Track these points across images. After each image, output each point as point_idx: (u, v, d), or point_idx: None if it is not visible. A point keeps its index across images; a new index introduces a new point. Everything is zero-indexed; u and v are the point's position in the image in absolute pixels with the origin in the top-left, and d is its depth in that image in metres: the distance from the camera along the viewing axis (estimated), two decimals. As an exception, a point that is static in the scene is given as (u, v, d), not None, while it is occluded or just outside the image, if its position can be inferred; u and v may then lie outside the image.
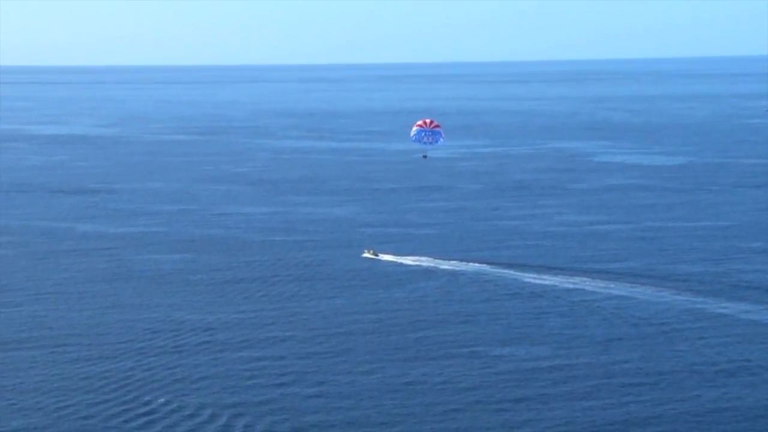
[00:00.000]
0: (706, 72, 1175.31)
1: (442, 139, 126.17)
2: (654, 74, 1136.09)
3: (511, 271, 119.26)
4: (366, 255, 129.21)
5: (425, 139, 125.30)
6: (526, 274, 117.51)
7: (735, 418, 71.95)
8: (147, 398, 76.52)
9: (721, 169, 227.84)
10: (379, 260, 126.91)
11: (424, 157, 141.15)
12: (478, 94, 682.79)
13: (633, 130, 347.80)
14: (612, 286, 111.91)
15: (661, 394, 76.79)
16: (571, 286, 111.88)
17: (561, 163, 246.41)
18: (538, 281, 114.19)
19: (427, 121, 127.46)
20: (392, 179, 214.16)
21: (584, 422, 71.46)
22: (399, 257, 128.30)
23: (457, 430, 70.32)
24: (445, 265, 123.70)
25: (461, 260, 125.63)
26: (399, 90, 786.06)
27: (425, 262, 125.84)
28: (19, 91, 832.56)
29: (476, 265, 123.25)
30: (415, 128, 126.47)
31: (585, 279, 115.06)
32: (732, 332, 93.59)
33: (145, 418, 72.62)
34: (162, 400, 76.00)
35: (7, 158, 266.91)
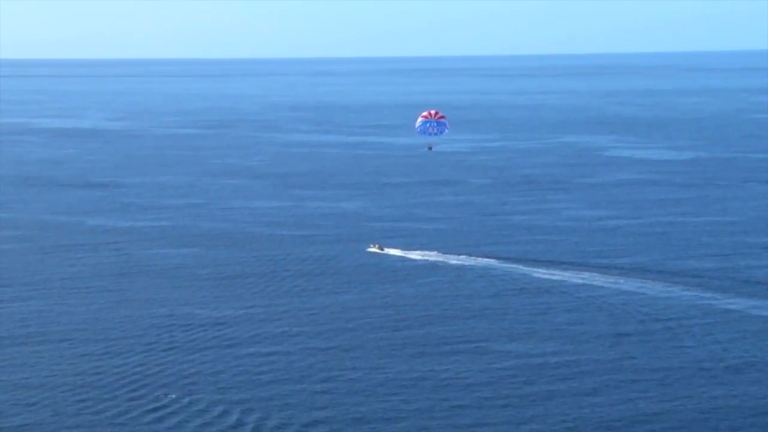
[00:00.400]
0: (714, 66, 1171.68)
1: (447, 130, 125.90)
2: (663, 68, 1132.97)
3: (520, 266, 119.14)
4: (371, 249, 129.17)
5: (430, 130, 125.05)
6: (535, 269, 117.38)
7: (742, 415, 71.79)
8: (156, 394, 76.60)
9: (730, 164, 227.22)
10: (385, 255, 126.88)
11: (430, 148, 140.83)
12: (488, 88, 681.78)
13: (642, 124, 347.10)
14: (620, 281, 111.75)
15: (668, 391, 76.66)
16: (579, 281, 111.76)
17: (570, 157, 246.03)
18: (546, 276, 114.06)
19: (432, 112, 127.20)
20: (401, 173, 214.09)
21: (591, 418, 71.38)
22: (405, 251, 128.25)
23: (465, 426, 70.31)
24: (453, 259, 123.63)
25: (469, 255, 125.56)
26: (408, 84, 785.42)
27: (432, 256, 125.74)
28: (28, 84, 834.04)
29: (484, 259, 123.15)
30: (420, 119, 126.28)
31: (593, 274, 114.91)
32: (740, 328, 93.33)
33: (156, 414, 72.68)
34: (172, 395, 76.05)
35: (16, 151, 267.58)
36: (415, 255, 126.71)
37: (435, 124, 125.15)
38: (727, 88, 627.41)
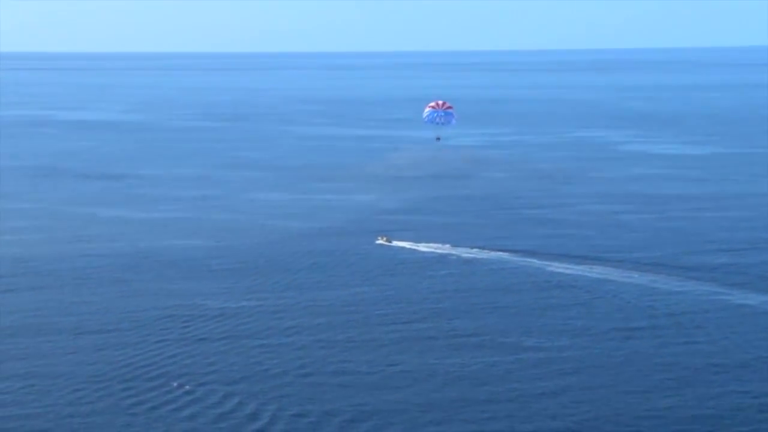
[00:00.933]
0: (729, 62, 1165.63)
1: (454, 121, 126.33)
2: (677, 63, 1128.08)
3: (533, 260, 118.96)
4: (379, 242, 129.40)
5: (438, 120, 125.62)
6: (547, 263, 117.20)
7: (755, 410, 71.59)
8: (173, 384, 76.78)
9: (746, 159, 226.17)
10: (394, 247, 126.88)
11: (438, 139, 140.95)
12: (502, 83, 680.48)
13: (657, 119, 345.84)
14: (634, 275, 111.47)
15: (680, 385, 76.49)
16: (592, 275, 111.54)
17: (584, 151, 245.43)
18: (558, 270, 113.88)
19: (440, 102, 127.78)
20: (414, 167, 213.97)
21: (602, 413, 71.29)
22: (413, 244, 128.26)
23: (475, 420, 70.40)
24: (462, 252, 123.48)
25: (481, 248, 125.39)
26: (422, 78, 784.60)
27: (440, 249, 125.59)
28: (46, 76, 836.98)
29: (496, 253, 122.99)
30: (427, 109, 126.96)
31: (606, 268, 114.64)
32: (755, 323, 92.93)
33: (172, 406, 72.86)
34: (187, 386, 76.31)
35: (33, 143, 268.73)
36: (423, 247, 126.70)
37: (442, 114, 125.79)
38: (742, 83, 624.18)
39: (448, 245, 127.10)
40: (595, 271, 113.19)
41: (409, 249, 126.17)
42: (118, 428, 69.08)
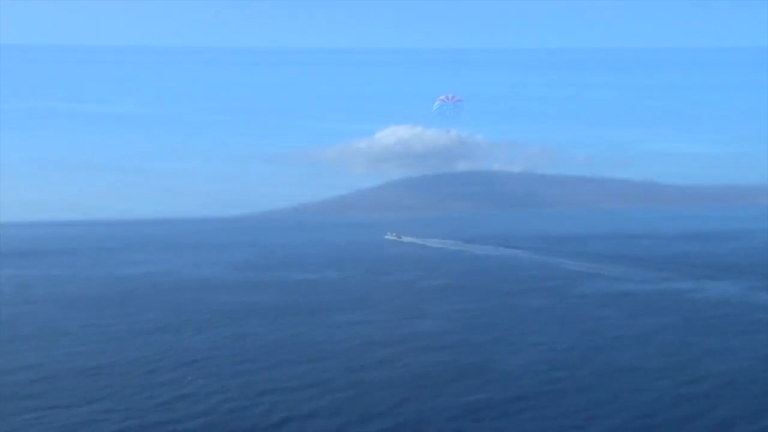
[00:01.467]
0: (750, 61, 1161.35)
1: (463, 113, 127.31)
2: (696, 62, 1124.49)
3: (546, 257, 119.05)
4: (389, 237, 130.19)
5: (448, 113, 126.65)
6: (564, 261, 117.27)
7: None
8: (188, 378, 76.96)
9: (763, 159, 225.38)
10: (404, 242, 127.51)
11: (448, 131, 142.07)
12: (519, 80, 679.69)
13: (675, 117, 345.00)
14: (650, 273, 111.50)
15: (690, 383, 76.27)
16: (609, 273, 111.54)
17: (602, 149, 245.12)
18: (573, 268, 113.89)
19: (450, 95, 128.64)
20: (422, 161, 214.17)
21: (611, 411, 71.20)
22: (423, 239, 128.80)
23: (486, 419, 70.34)
24: (475, 249, 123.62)
25: (495, 245, 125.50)
26: (441, 74, 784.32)
27: (452, 245, 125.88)
28: (63, 69, 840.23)
29: (508, 250, 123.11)
30: (437, 102, 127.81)
31: (625, 266, 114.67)
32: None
33: (185, 401, 72.97)
34: (200, 381, 76.39)
35: (49, 136, 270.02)
36: (433, 243, 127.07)
37: (452, 106, 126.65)
38: (762, 82, 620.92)
39: (458, 241, 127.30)
40: (613, 268, 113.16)
41: (420, 245, 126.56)
42: (130, 422, 69.38)
